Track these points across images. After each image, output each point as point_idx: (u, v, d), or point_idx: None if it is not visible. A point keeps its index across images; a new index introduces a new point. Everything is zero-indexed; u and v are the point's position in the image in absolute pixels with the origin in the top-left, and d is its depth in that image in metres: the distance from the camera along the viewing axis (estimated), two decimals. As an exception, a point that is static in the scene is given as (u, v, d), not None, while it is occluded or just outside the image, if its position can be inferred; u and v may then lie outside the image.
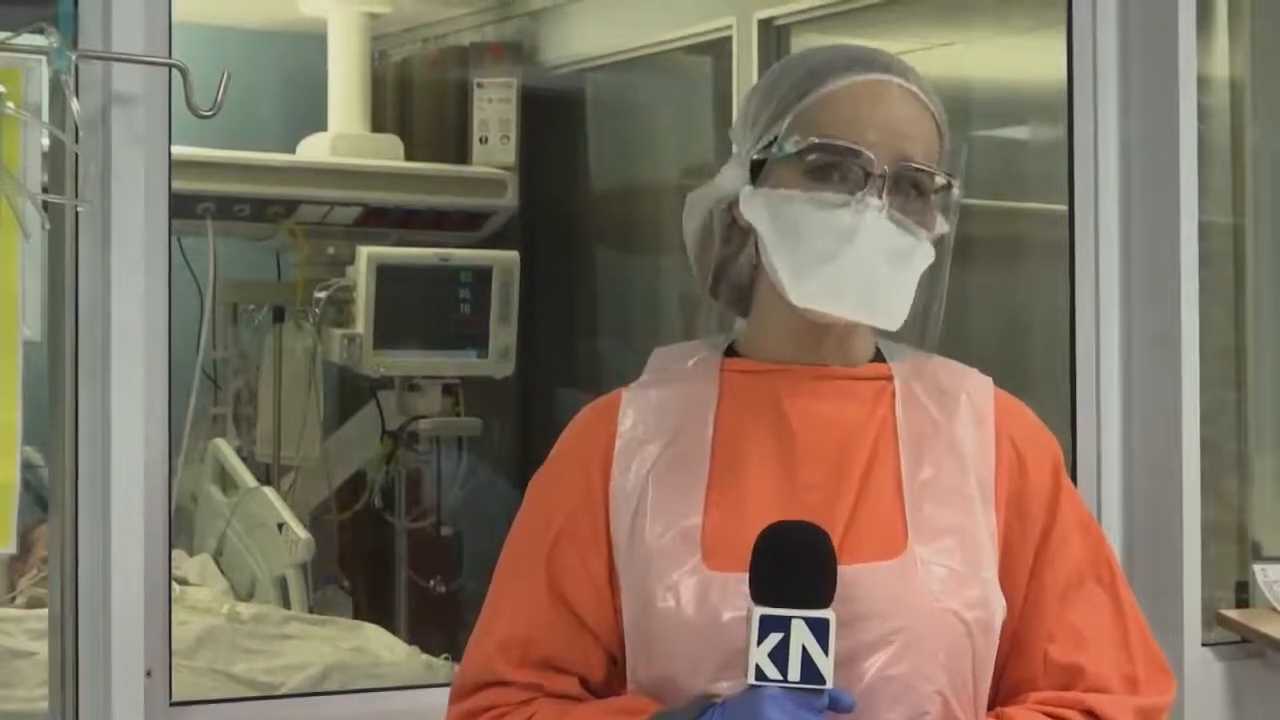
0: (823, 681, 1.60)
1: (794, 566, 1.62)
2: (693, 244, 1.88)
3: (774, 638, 1.60)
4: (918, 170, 1.77)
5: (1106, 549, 1.88)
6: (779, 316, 1.82)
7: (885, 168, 1.75)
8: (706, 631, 1.70)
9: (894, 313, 1.78)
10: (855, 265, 1.74)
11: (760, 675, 1.60)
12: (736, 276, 1.85)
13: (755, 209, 1.79)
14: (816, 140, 1.77)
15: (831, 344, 1.82)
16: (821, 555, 1.63)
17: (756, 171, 1.80)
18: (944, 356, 1.90)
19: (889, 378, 1.84)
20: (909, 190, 1.77)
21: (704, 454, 1.79)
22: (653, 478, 1.78)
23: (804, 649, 1.60)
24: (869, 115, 1.77)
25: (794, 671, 1.60)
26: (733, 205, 1.82)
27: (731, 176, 1.82)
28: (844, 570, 1.65)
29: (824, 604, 1.61)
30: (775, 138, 1.78)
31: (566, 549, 1.79)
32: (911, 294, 1.79)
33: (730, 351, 1.87)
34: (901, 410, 1.81)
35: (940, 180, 1.78)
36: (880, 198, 1.75)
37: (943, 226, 1.81)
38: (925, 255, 1.79)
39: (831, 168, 1.77)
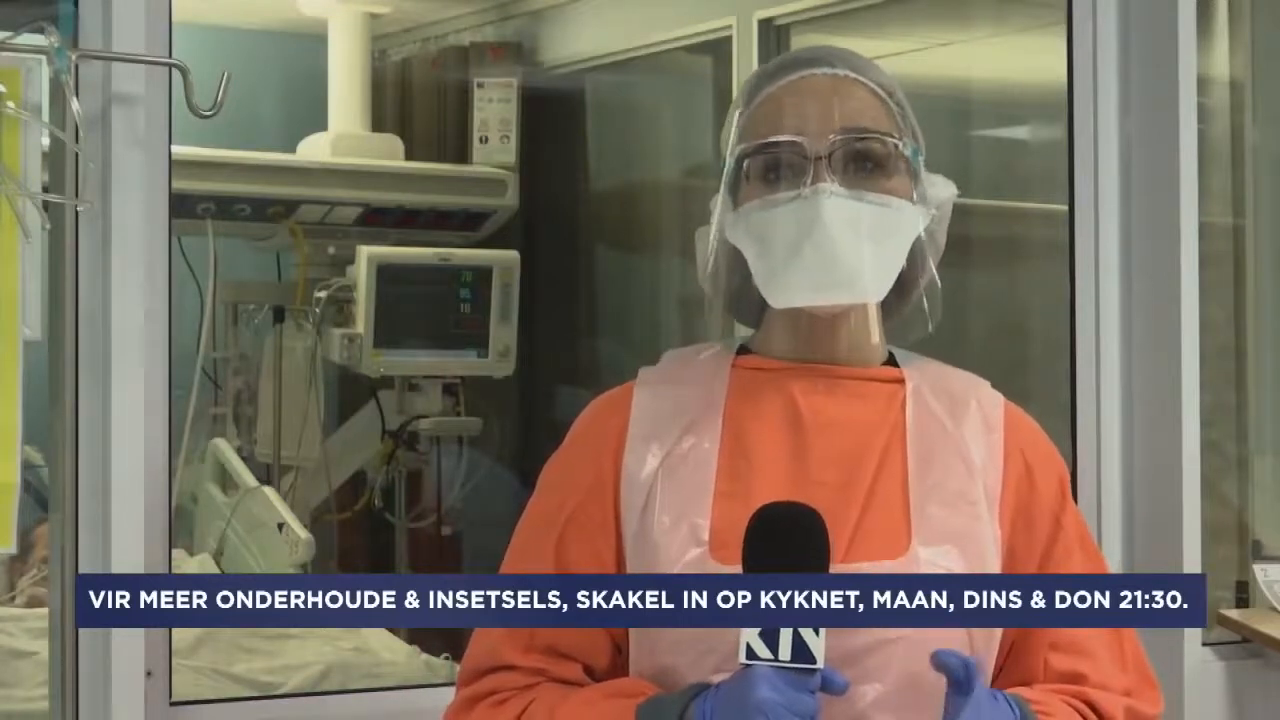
0: (814, 661, 1.59)
1: (783, 547, 1.62)
2: (706, 278, 1.87)
3: None
4: (861, 138, 1.76)
5: (1104, 566, 1.91)
6: (788, 318, 1.83)
7: (820, 149, 1.76)
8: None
9: (873, 285, 1.77)
10: (821, 252, 1.74)
11: (751, 654, 1.59)
12: (748, 296, 1.85)
13: (735, 230, 1.81)
14: (743, 146, 1.80)
15: (842, 341, 1.82)
16: (812, 534, 1.62)
17: (738, 196, 1.82)
18: (945, 356, 1.90)
19: (900, 380, 1.84)
20: (863, 163, 1.77)
21: (714, 447, 1.79)
22: (663, 471, 1.78)
23: (794, 628, 1.59)
24: (793, 107, 1.79)
25: (785, 651, 1.59)
26: (724, 232, 1.83)
27: (720, 205, 1.84)
28: (849, 569, 1.66)
29: None
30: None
31: (576, 535, 1.79)
32: (897, 263, 1.79)
33: (743, 350, 1.88)
34: (912, 413, 1.82)
35: (893, 143, 1.78)
36: (827, 179, 1.75)
37: (944, 190, 1.82)
38: (910, 221, 1.79)
39: (774, 167, 1.78)
